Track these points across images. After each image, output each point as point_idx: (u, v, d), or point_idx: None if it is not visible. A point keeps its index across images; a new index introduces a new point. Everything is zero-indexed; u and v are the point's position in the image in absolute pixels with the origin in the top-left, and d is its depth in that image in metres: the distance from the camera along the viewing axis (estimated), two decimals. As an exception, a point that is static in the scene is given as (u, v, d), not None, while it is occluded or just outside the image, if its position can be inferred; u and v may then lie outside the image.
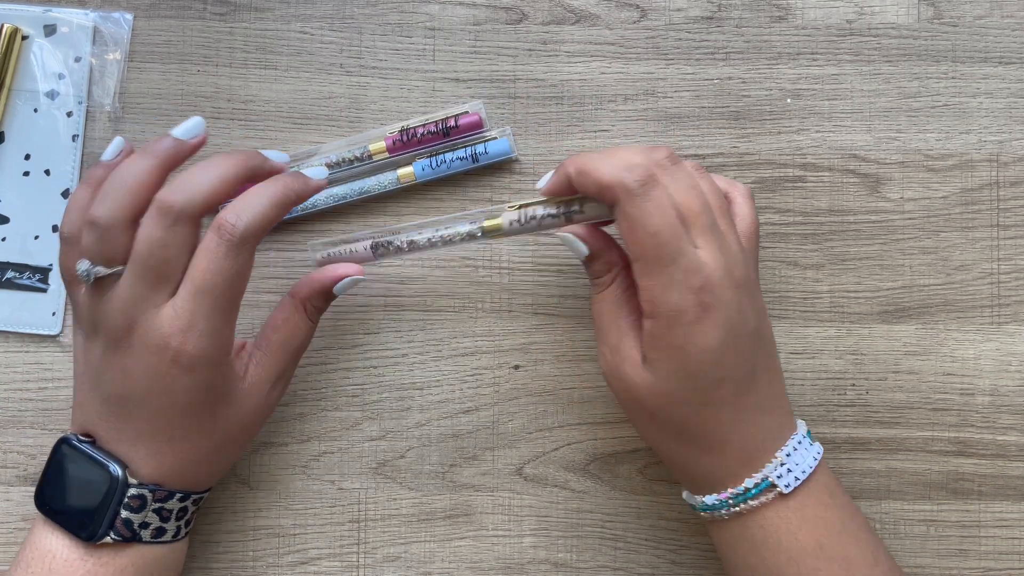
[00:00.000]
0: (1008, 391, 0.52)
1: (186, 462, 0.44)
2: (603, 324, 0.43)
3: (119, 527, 0.43)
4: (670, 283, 0.38)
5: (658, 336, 0.39)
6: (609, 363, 0.42)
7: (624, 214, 0.39)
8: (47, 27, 0.52)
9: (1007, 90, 0.52)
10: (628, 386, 0.41)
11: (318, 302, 0.48)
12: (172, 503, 0.44)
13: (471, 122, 0.51)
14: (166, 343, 0.40)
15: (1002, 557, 0.51)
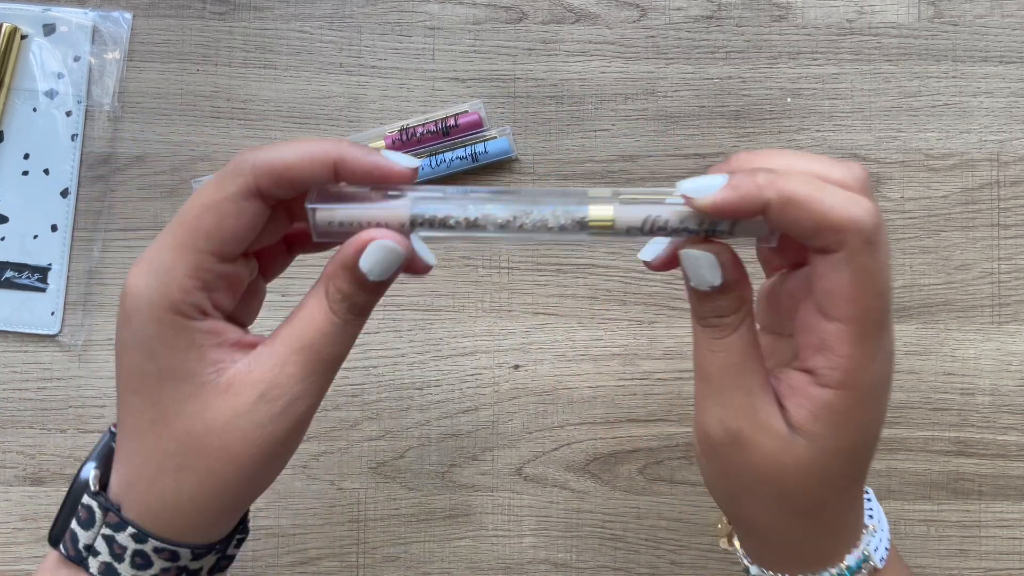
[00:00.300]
0: (1008, 391, 0.51)
1: (137, 470, 0.34)
2: (723, 381, 0.33)
3: (67, 540, 0.35)
4: (878, 353, 0.31)
5: (840, 411, 0.32)
6: (729, 430, 0.33)
7: (857, 266, 0.30)
8: (46, 26, 0.52)
9: (1007, 89, 0.52)
10: (760, 461, 0.33)
11: (342, 284, 0.33)
12: (123, 537, 0.34)
13: (471, 121, 0.51)
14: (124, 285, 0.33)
15: (1002, 557, 0.51)
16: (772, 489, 0.33)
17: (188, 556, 0.35)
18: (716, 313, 0.33)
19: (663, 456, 0.52)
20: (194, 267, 0.32)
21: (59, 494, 0.51)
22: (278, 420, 0.33)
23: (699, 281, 0.32)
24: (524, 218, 0.33)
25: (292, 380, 0.33)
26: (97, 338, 0.52)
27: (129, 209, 0.52)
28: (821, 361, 0.32)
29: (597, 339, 0.52)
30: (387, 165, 0.33)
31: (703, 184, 0.31)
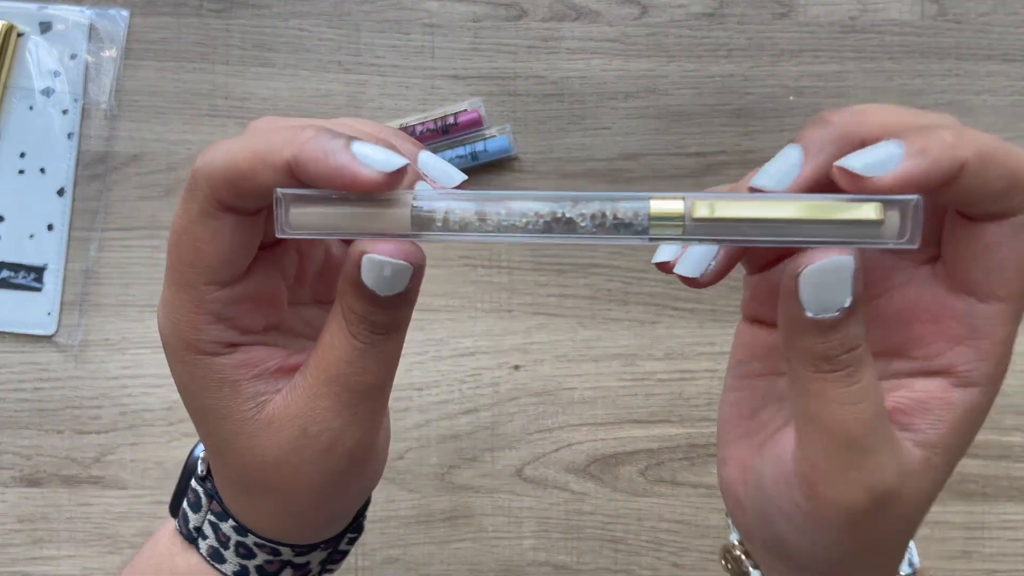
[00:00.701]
0: (1013, 392, 0.51)
1: (219, 484, 0.34)
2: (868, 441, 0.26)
3: (181, 517, 0.35)
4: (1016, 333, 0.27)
5: (982, 409, 0.28)
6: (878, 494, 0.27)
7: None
8: (43, 24, 0.52)
9: (1011, 87, 0.52)
10: (902, 512, 0.28)
11: (352, 303, 0.28)
12: (226, 527, 0.34)
13: (470, 120, 0.51)
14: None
15: (1007, 559, 0.51)
16: (904, 533, 0.29)
17: (290, 553, 0.34)
18: (847, 346, 0.26)
19: (664, 457, 0.51)
20: (195, 303, 0.29)
21: (56, 495, 0.51)
22: (327, 457, 0.30)
23: (825, 306, 0.25)
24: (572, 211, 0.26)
25: (329, 415, 0.29)
26: (94, 338, 0.52)
27: (126, 208, 0.52)
28: (966, 354, 0.27)
29: (598, 339, 0.51)
30: (355, 172, 0.26)
31: (878, 156, 0.25)
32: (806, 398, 0.27)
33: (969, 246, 0.26)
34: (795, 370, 0.27)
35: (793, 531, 0.29)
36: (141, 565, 0.36)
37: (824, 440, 0.27)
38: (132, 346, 0.52)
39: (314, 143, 0.26)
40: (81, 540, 0.51)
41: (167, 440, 0.51)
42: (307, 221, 0.26)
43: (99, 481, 0.51)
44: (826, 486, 0.27)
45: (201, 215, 0.28)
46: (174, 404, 0.52)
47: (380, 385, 0.30)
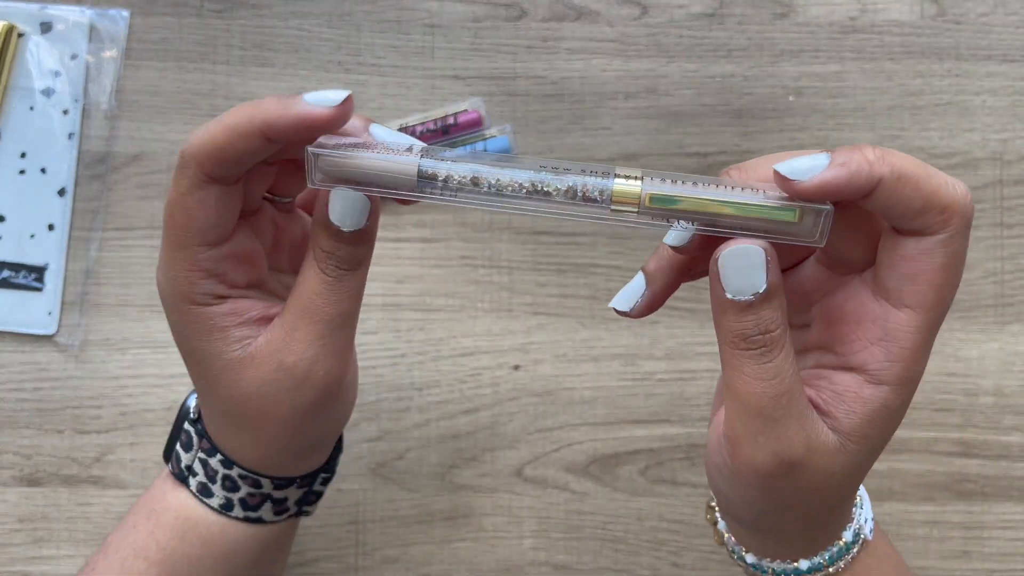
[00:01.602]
0: (1012, 391, 0.51)
1: (207, 418, 0.38)
2: (776, 412, 0.30)
3: (173, 459, 0.40)
4: (926, 355, 0.31)
5: (894, 408, 0.31)
6: (784, 460, 0.31)
7: (953, 250, 0.29)
8: (43, 24, 0.52)
9: (1011, 88, 0.52)
10: (810, 481, 0.32)
11: (320, 240, 0.34)
12: (214, 462, 0.38)
13: (470, 120, 0.51)
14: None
15: (1006, 559, 0.51)
16: (816, 500, 0.32)
17: (270, 485, 0.38)
18: (761, 328, 0.30)
19: (664, 457, 0.51)
20: (190, 261, 0.34)
21: (56, 495, 0.51)
22: (304, 385, 0.35)
23: (740, 288, 0.29)
24: (545, 180, 0.30)
25: (303, 345, 0.34)
26: (94, 338, 0.52)
27: (126, 208, 0.52)
28: (878, 355, 0.31)
29: (598, 339, 0.51)
30: (311, 112, 0.31)
31: (804, 164, 0.29)
32: (727, 371, 0.31)
33: (890, 256, 0.30)
34: (720, 345, 0.31)
35: (725, 486, 0.33)
36: (135, 507, 0.41)
37: (739, 408, 0.31)
38: (132, 346, 0.52)
39: (274, 104, 0.31)
40: (81, 540, 0.51)
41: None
42: (330, 170, 0.31)
43: (99, 481, 0.51)
44: (741, 448, 0.31)
45: (191, 187, 0.33)
46: (174, 404, 0.52)
47: (346, 316, 0.35)
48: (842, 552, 0.36)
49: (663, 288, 0.35)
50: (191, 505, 0.39)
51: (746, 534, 0.37)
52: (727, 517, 0.37)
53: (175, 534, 0.39)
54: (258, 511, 0.39)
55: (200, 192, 0.33)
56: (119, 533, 0.40)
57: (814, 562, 0.35)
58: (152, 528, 0.39)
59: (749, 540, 0.37)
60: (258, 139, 0.32)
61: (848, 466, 0.32)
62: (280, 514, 0.40)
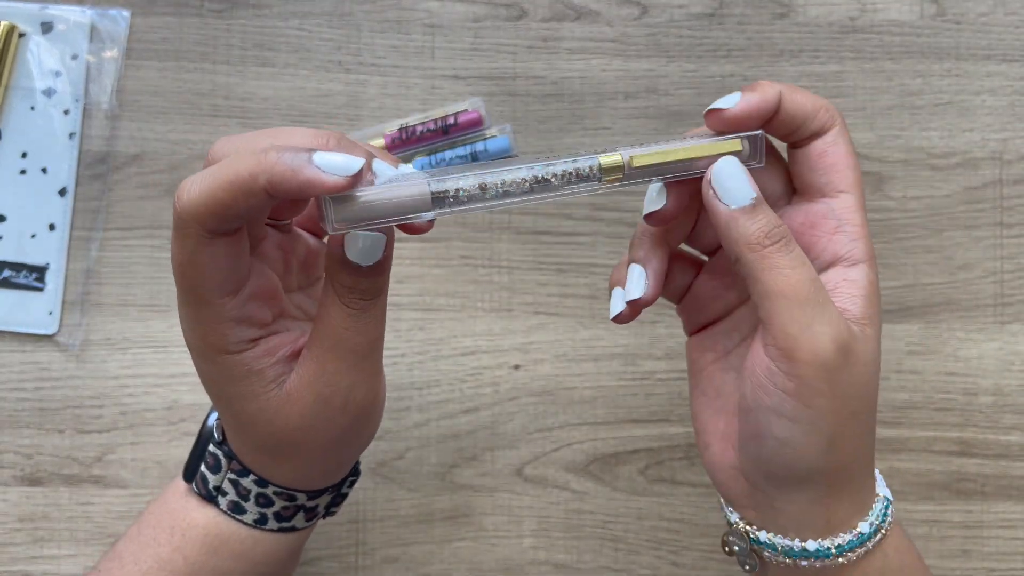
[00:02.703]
0: (1011, 391, 0.51)
1: (239, 449, 0.38)
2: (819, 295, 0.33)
3: (198, 480, 0.40)
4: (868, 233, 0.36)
5: (873, 280, 0.35)
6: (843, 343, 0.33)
7: (847, 137, 0.36)
8: (44, 24, 0.52)
9: (1010, 87, 0.52)
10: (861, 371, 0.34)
11: (340, 276, 0.33)
12: (247, 482, 0.38)
13: (471, 120, 0.51)
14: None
15: (1005, 558, 0.51)
16: (868, 396, 0.34)
17: (304, 498, 0.39)
18: (774, 222, 0.33)
19: (664, 457, 0.51)
20: (212, 316, 0.34)
21: (57, 494, 0.51)
22: (341, 412, 0.36)
23: (739, 195, 0.33)
24: (543, 171, 0.33)
25: (337, 375, 0.35)
26: (95, 338, 0.52)
27: (127, 208, 0.52)
28: (842, 240, 0.35)
29: (598, 339, 0.52)
30: (322, 180, 0.30)
31: (728, 98, 0.35)
32: (760, 277, 0.33)
33: (807, 164, 0.36)
34: (742, 258, 0.33)
35: (785, 425, 0.34)
36: (152, 520, 0.40)
37: (787, 306, 0.33)
38: (133, 346, 0.52)
39: (281, 165, 0.30)
40: (82, 539, 0.51)
41: (168, 440, 0.52)
42: (348, 216, 0.31)
43: (100, 480, 0.51)
44: (801, 346, 0.32)
45: (197, 247, 0.32)
46: (174, 404, 0.52)
47: (376, 340, 0.35)
48: (885, 507, 0.37)
49: (660, 264, 0.37)
50: (221, 522, 0.39)
51: (808, 501, 0.35)
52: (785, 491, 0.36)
53: (206, 549, 0.39)
54: (291, 521, 0.40)
55: (207, 249, 0.33)
56: (134, 544, 0.40)
57: (871, 521, 0.36)
58: (178, 544, 0.39)
59: (810, 510, 0.35)
60: (262, 197, 0.31)
61: (873, 352, 0.34)
62: (310, 520, 0.41)
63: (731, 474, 0.37)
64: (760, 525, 0.37)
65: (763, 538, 0.37)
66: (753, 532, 0.37)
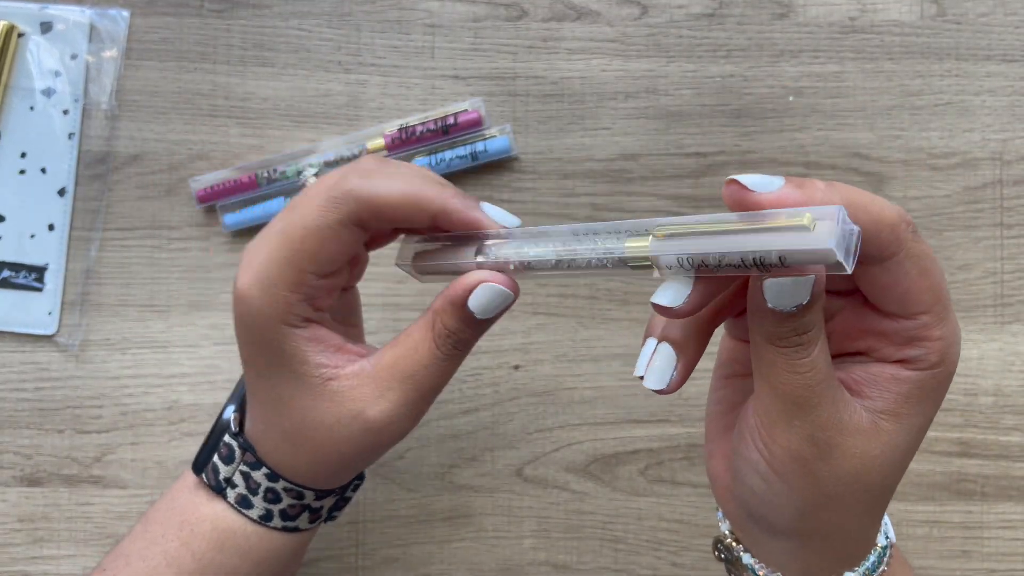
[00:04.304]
0: (1012, 391, 0.51)
1: (263, 433, 0.39)
2: (812, 399, 0.31)
3: (209, 471, 0.40)
4: (955, 329, 0.32)
5: (931, 387, 0.32)
6: (820, 442, 0.31)
7: (914, 256, 0.30)
8: (43, 24, 0.52)
9: (1011, 88, 0.52)
10: (848, 463, 0.32)
11: (448, 320, 0.36)
12: (258, 475, 0.39)
13: (470, 120, 0.51)
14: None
15: (1005, 558, 0.51)
16: (858, 489, 0.33)
17: (312, 497, 0.40)
18: (799, 331, 0.30)
19: (664, 457, 0.51)
20: (297, 283, 0.36)
21: (56, 495, 0.51)
22: (378, 436, 0.37)
23: (784, 302, 0.29)
24: (569, 258, 0.32)
25: (391, 406, 0.37)
26: (94, 338, 0.52)
27: (127, 208, 0.52)
28: (914, 351, 0.31)
29: (598, 339, 0.51)
30: (482, 222, 0.35)
31: (763, 179, 0.29)
32: (761, 364, 0.31)
33: (873, 289, 0.31)
34: (754, 339, 0.31)
35: (761, 483, 0.33)
36: (159, 517, 0.41)
37: (773, 396, 0.31)
38: (133, 346, 0.52)
39: (456, 200, 0.35)
40: (82, 540, 0.51)
41: (167, 440, 0.52)
42: (422, 263, 0.37)
43: (99, 481, 0.51)
44: (776, 433, 0.32)
45: (336, 223, 0.35)
46: (174, 404, 0.52)
47: (439, 391, 0.37)
48: (881, 557, 0.35)
49: (695, 354, 0.34)
50: (228, 516, 0.40)
51: (783, 550, 0.35)
52: (762, 534, 0.36)
53: (212, 544, 0.40)
54: (295, 520, 0.40)
55: (343, 230, 0.35)
56: (141, 541, 0.40)
57: (859, 573, 0.35)
58: (186, 538, 0.40)
59: (786, 557, 0.35)
60: (425, 217, 0.35)
61: (886, 448, 0.32)
62: (314, 521, 0.41)
63: (726, 494, 0.37)
64: (747, 546, 0.37)
65: (746, 560, 0.37)
66: (738, 551, 0.37)
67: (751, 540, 0.36)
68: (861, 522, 0.34)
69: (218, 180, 0.51)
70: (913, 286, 0.30)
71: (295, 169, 0.51)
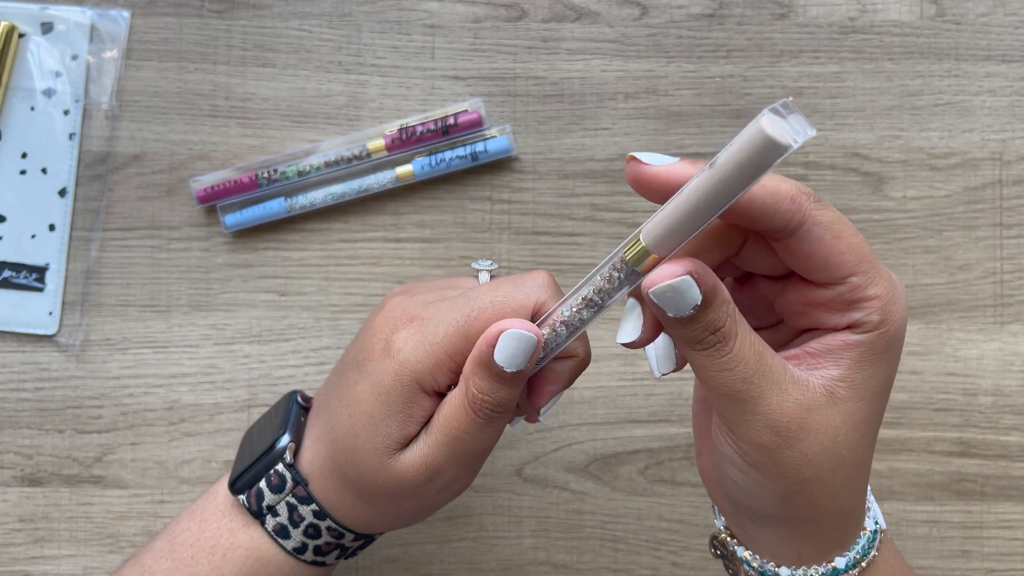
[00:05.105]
0: (1011, 391, 0.51)
1: (324, 474, 0.39)
2: (752, 392, 0.32)
3: (252, 494, 0.40)
4: (895, 283, 0.33)
5: (880, 349, 0.32)
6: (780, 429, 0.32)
7: (822, 222, 0.31)
8: (44, 24, 0.52)
9: (1010, 88, 0.52)
10: (815, 442, 0.32)
11: (480, 381, 0.36)
12: (305, 510, 0.39)
13: (470, 120, 0.51)
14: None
15: (1005, 558, 0.51)
16: (831, 464, 0.33)
17: (351, 538, 0.40)
18: (710, 330, 0.31)
19: (664, 457, 0.51)
20: (452, 354, 0.36)
21: (57, 495, 0.51)
22: (442, 495, 0.39)
23: (680, 309, 0.31)
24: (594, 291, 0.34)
25: (448, 466, 0.37)
26: (95, 338, 0.52)
27: (127, 208, 0.52)
28: (857, 314, 0.32)
29: (598, 339, 0.52)
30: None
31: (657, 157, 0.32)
32: (696, 370, 0.32)
33: (797, 262, 0.32)
34: (681, 349, 0.32)
35: (739, 476, 0.34)
36: (188, 539, 0.41)
37: (717, 397, 0.32)
38: (133, 346, 0.52)
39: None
40: (82, 540, 0.51)
41: (168, 440, 0.52)
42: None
43: (100, 481, 0.51)
44: (736, 430, 0.32)
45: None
46: (174, 404, 0.52)
47: (489, 449, 0.38)
48: (871, 540, 0.36)
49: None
50: (263, 544, 0.40)
51: (775, 538, 0.36)
52: (752, 524, 0.36)
53: (244, 572, 0.40)
54: (325, 556, 0.41)
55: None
56: (168, 561, 0.40)
57: (849, 557, 0.35)
58: (218, 563, 0.40)
59: (779, 545, 0.36)
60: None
61: (848, 416, 0.32)
62: (339, 558, 0.42)
63: (716, 489, 0.37)
64: (740, 540, 0.37)
65: (740, 554, 0.37)
66: (732, 545, 0.37)
67: (744, 532, 0.37)
68: (843, 502, 0.34)
69: (218, 180, 0.51)
70: (830, 250, 0.31)
71: (295, 169, 0.51)
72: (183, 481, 0.52)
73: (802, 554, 0.35)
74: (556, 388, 0.38)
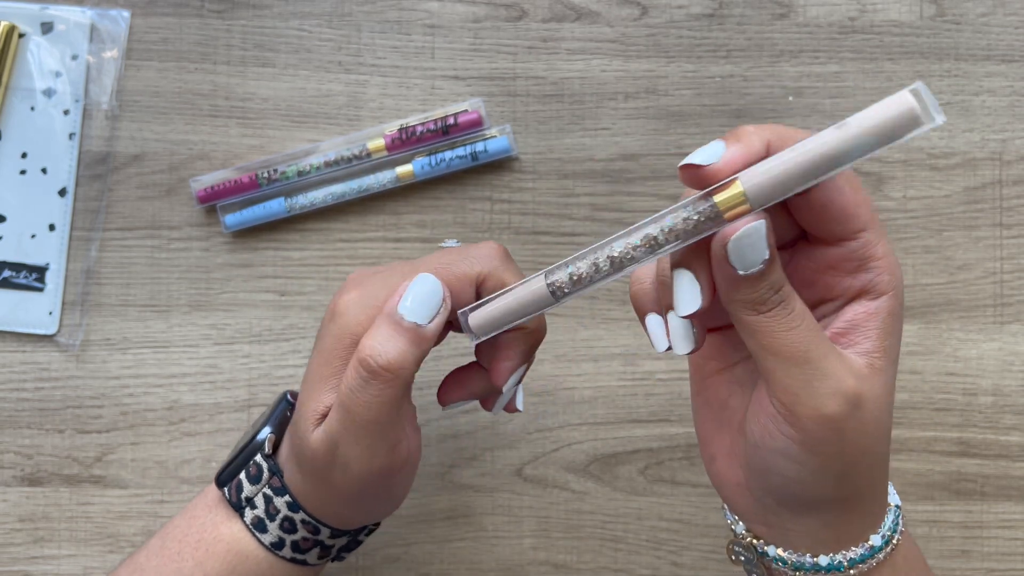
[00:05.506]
0: (1011, 391, 0.51)
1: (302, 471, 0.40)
2: (818, 351, 0.31)
3: (233, 486, 0.41)
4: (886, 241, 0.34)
5: (895, 311, 0.33)
6: (849, 395, 0.32)
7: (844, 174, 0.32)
8: (44, 24, 0.52)
9: (1010, 88, 0.52)
10: (871, 413, 0.32)
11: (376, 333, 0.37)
12: (280, 501, 0.40)
13: (470, 120, 0.51)
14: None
15: (1005, 558, 0.51)
16: (880, 434, 0.33)
17: (327, 534, 0.41)
18: (775, 288, 0.31)
19: (664, 457, 0.51)
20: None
21: (57, 494, 0.51)
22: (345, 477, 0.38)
23: (750, 262, 0.30)
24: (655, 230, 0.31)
25: (343, 438, 0.37)
26: (94, 338, 0.52)
27: (127, 208, 0.52)
28: (866, 277, 0.33)
29: (598, 339, 0.52)
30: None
31: (708, 151, 0.31)
32: (757, 338, 0.32)
33: (812, 215, 0.32)
34: (740, 319, 0.32)
35: (793, 466, 0.33)
36: (178, 534, 0.41)
37: (784, 365, 0.31)
38: (133, 346, 0.52)
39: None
40: (82, 539, 0.51)
41: (168, 440, 0.52)
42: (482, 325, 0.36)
43: (100, 480, 0.52)
44: (801, 404, 0.32)
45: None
46: (174, 404, 0.52)
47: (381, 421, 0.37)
48: (897, 516, 0.36)
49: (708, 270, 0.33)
50: (243, 539, 0.40)
51: (817, 526, 0.35)
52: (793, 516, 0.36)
53: (225, 567, 0.40)
54: (304, 554, 0.41)
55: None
56: (158, 558, 0.41)
57: (882, 533, 0.35)
58: (201, 559, 0.40)
59: (821, 531, 0.35)
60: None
61: (887, 385, 0.33)
62: (322, 558, 0.42)
63: (738, 491, 0.36)
64: (769, 540, 0.36)
65: (772, 553, 0.36)
66: (761, 546, 0.37)
67: (774, 530, 0.36)
68: (882, 476, 0.35)
69: (218, 180, 0.51)
70: (849, 201, 0.32)
71: (295, 169, 0.51)
72: (183, 481, 0.52)
73: (841, 537, 0.35)
74: (512, 364, 0.38)
